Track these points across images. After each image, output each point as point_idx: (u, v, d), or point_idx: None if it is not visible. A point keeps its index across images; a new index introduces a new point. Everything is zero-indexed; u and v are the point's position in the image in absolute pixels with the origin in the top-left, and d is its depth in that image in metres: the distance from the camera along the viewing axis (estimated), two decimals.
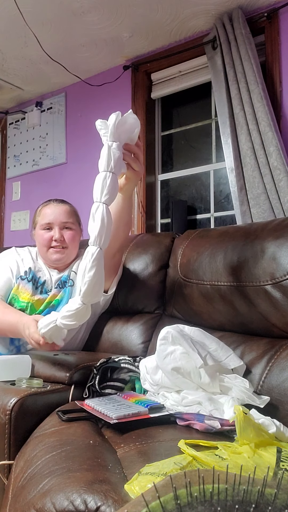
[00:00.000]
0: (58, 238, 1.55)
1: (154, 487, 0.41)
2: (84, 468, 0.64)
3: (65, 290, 1.55)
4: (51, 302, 1.52)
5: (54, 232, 1.56)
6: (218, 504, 0.39)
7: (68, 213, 1.61)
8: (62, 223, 1.58)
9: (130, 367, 1.15)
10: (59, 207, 1.61)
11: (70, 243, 1.58)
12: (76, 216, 1.65)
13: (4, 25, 2.28)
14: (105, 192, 1.05)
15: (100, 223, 1.03)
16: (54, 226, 1.57)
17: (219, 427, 0.83)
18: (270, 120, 1.92)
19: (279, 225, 1.21)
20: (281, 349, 1.10)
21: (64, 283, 1.57)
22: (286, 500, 0.38)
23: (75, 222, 1.62)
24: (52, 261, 1.58)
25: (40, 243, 1.59)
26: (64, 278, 1.57)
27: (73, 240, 1.59)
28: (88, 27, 2.30)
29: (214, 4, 2.10)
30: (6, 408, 0.94)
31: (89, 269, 1.03)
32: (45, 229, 1.58)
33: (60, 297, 1.54)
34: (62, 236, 1.56)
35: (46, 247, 1.57)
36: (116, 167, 1.07)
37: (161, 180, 2.64)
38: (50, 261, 1.59)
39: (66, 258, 1.59)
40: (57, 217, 1.57)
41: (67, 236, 1.57)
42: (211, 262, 1.30)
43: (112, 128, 1.09)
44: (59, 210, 1.59)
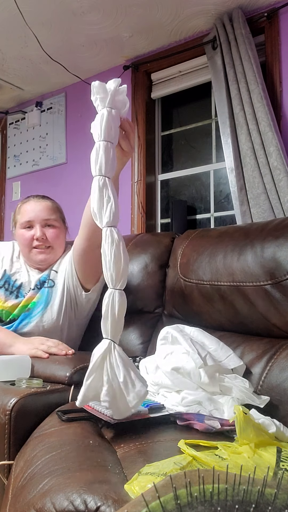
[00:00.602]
0: (40, 237, 1.43)
1: (154, 487, 0.41)
2: (84, 468, 0.64)
3: (42, 291, 1.44)
4: (27, 306, 1.42)
5: (35, 231, 1.44)
6: (218, 504, 0.39)
7: (49, 209, 1.48)
8: (44, 220, 1.46)
9: None
10: (39, 203, 1.49)
11: (54, 241, 1.47)
12: (60, 212, 1.53)
13: (4, 25, 2.28)
14: (107, 163, 0.90)
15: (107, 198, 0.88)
16: (35, 224, 1.45)
17: (219, 427, 0.83)
18: (270, 120, 1.92)
19: (279, 225, 1.21)
20: (281, 349, 1.10)
21: (43, 283, 1.45)
22: (286, 500, 0.38)
23: (58, 219, 1.50)
24: (36, 262, 1.47)
25: (22, 243, 1.48)
26: (44, 278, 1.46)
27: (56, 239, 1.47)
28: (88, 27, 2.30)
29: (214, 4, 2.10)
30: (6, 408, 0.94)
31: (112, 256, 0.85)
32: (26, 227, 1.46)
33: (36, 299, 1.43)
34: (44, 235, 1.45)
35: (28, 247, 1.46)
36: (115, 137, 0.96)
37: (161, 180, 2.64)
38: (34, 262, 1.48)
39: (52, 258, 1.48)
40: (38, 214, 1.46)
41: (50, 235, 1.46)
42: (211, 262, 1.30)
43: (113, 93, 0.97)
44: (40, 207, 1.47)
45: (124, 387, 0.81)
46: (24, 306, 1.43)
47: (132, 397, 0.80)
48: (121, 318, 0.85)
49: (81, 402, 0.84)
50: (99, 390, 0.82)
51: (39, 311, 1.42)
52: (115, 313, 0.83)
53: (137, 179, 2.55)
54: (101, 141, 0.93)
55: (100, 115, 0.94)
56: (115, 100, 0.97)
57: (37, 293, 1.44)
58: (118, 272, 0.84)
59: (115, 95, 0.97)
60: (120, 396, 0.81)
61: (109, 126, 0.94)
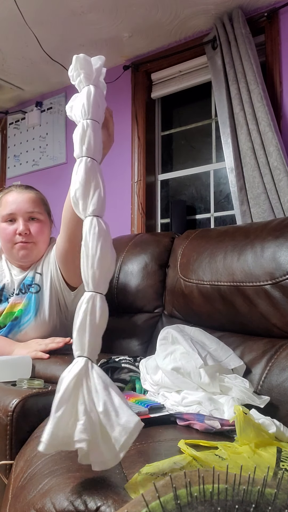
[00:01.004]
0: (23, 231, 1.33)
1: (154, 487, 0.41)
2: (84, 468, 0.64)
3: (29, 297, 1.35)
4: (13, 314, 1.33)
5: (18, 225, 1.34)
6: (218, 504, 0.39)
7: (33, 201, 1.37)
8: (27, 213, 1.35)
9: (131, 367, 1.15)
10: (22, 194, 1.37)
11: (38, 236, 1.36)
12: (45, 204, 1.43)
13: (4, 25, 2.28)
14: (96, 143, 0.77)
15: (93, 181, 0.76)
16: (18, 217, 1.34)
17: (219, 427, 0.83)
18: (270, 120, 1.92)
19: (279, 225, 1.21)
20: (281, 349, 1.10)
21: (28, 287, 1.36)
22: (286, 500, 0.38)
23: (43, 212, 1.39)
24: (18, 259, 1.37)
25: (3, 238, 1.37)
26: (28, 281, 1.37)
27: (41, 233, 1.37)
28: (88, 27, 2.30)
29: (214, 4, 2.10)
30: (7, 409, 0.94)
31: None
32: (7, 221, 1.35)
33: (23, 306, 1.34)
34: (28, 229, 1.34)
35: (10, 243, 1.35)
36: (102, 118, 0.84)
37: (161, 180, 2.64)
38: (16, 259, 1.39)
39: (35, 255, 1.38)
40: (21, 207, 1.34)
41: (34, 229, 1.35)
42: (211, 262, 1.30)
43: (99, 70, 0.88)
44: (23, 198, 1.36)
45: (105, 419, 0.58)
46: (10, 314, 1.35)
47: (118, 433, 0.57)
48: (101, 330, 0.67)
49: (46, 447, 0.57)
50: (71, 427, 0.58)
51: (28, 319, 1.34)
52: (95, 324, 0.65)
53: (137, 179, 2.55)
54: (88, 119, 0.79)
55: (87, 91, 0.82)
56: (99, 82, 0.87)
57: (22, 298, 1.35)
58: (103, 271, 0.68)
59: (99, 77, 0.87)
60: (102, 433, 0.57)
61: (96, 104, 0.82)
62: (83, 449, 0.57)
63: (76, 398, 0.59)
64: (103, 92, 0.88)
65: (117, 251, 1.71)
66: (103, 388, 0.59)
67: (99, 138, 0.79)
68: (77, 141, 0.77)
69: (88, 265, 0.68)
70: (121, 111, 2.64)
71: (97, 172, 0.76)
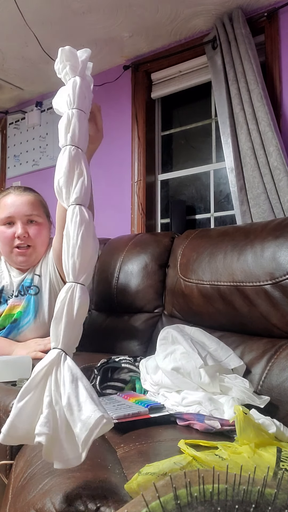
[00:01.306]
0: (22, 234, 1.32)
1: (154, 487, 0.41)
2: (84, 468, 0.64)
3: (28, 299, 1.35)
4: (12, 316, 1.34)
5: (16, 228, 1.33)
6: (218, 504, 0.39)
7: (32, 203, 1.36)
8: (26, 216, 1.34)
9: (131, 367, 1.15)
10: (21, 196, 1.36)
11: (36, 239, 1.36)
12: (43, 206, 1.42)
13: (4, 25, 2.28)
14: (80, 132, 0.77)
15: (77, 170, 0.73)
16: (16, 220, 1.34)
17: (219, 427, 0.83)
18: (270, 120, 1.92)
19: (279, 225, 1.21)
20: (281, 349, 1.10)
21: (27, 289, 1.36)
22: (286, 500, 0.38)
23: (41, 214, 1.39)
24: (16, 263, 1.38)
25: (2, 241, 1.36)
26: (27, 283, 1.37)
27: (39, 236, 1.37)
28: (88, 27, 2.30)
29: (214, 4, 2.10)
30: (7, 409, 0.94)
31: None
32: (6, 224, 1.35)
33: (22, 308, 1.34)
34: (26, 232, 1.33)
35: (9, 246, 1.35)
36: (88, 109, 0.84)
37: (161, 180, 2.64)
38: (14, 263, 1.39)
39: (33, 259, 1.38)
40: (19, 210, 1.33)
41: (32, 232, 1.34)
42: (211, 262, 1.30)
43: (85, 62, 0.87)
44: (22, 201, 1.35)
45: (68, 413, 0.55)
46: (9, 316, 1.35)
47: (79, 429, 0.53)
48: (80, 322, 0.64)
49: (5, 438, 0.55)
50: (34, 419, 0.56)
51: (27, 321, 1.35)
52: (73, 315, 0.63)
53: (137, 179, 2.55)
54: (73, 109, 0.79)
55: (73, 82, 0.83)
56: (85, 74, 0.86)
57: (21, 300, 1.35)
58: (84, 261, 0.66)
59: (85, 70, 0.87)
60: (63, 427, 0.55)
61: (82, 94, 0.81)
62: (42, 444, 0.54)
63: (42, 389, 0.57)
64: (90, 85, 0.88)
65: (117, 251, 1.72)
66: (70, 381, 0.57)
67: (85, 128, 0.78)
68: (61, 130, 0.78)
69: (69, 254, 0.67)
70: (121, 111, 2.64)
71: (81, 161, 0.74)
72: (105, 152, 2.69)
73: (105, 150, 2.69)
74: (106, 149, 2.69)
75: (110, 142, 2.68)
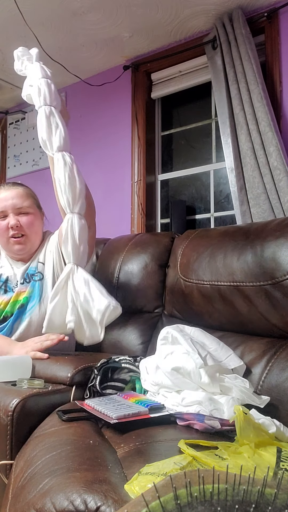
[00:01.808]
0: (14, 225, 1.42)
1: (154, 487, 0.41)
2: (84, 468, 0.64)
3: (33, 285, 1.43)
4: (19, 302, 1.40)
5: (9, 219, 1.43)
6: (218, 504, 0.39)
7: (22, 196, 1.46)
8: (17, 208, 1.44)
9: (131, 367, 1.15)
10: (11, 191, 1.46)
11: (29, 228, 1.45)
12: (33, 198, 1.51)
13: (4, 25, 2.28)
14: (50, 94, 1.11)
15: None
16: (9, 213, 1.44)
17: (219, 427, 0.83)
18: (270, 120, 1.92)
19: (279, 225, 1.21)
20: (281, 349, 1.10)
21: (32, 276, 1.44)
22: (286, 500, 0.38)
23: (32, 205, 1.48)
24: (14, 252, 1.47)
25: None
26: (31, 270, 1.45)
27: (31, 225, 1.46)
28: (88, 27, 2.30)
29: (214, 4, 2.10)
30: (8, 409, 0.94)
31: None
32: (0, 218, 1.45)
33: (28, 293, 1.41)
34: (18, 222, 1.43)
35: (5, 238, 1.45)
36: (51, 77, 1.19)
37: (161, 180, 2.64)
38: (13, 253, 1.48)
39: (29, 247, 1.47)
40: (10, 203, 1.44)
41: (24, 222, 1.44)
42: (211, 262, 1.30)
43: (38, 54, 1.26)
44: (12, 194, 1.45)
45: (86, 305, 0.84)
46: (16, 302, 1.41)
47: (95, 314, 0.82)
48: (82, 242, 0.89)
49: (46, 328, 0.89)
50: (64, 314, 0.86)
51: (33, 305, 1.41)
52: (75, 237, 0.88)
53: (137, 179, 2.55)
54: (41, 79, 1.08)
55: (34, 65, 1.15)
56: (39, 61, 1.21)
57: (27, 287, 1.42)
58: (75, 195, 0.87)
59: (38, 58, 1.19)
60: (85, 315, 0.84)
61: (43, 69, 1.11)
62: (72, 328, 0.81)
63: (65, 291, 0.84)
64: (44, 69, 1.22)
65: (117, 251, 1.72)
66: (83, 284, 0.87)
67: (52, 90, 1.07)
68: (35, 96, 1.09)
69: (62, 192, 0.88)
70: (121, 111, 2.64)
71: (55, 116, 1.03)
72: (105, 152, 2.69)
73: (105, 150, 2.69)
74: (106, 149, 2.69)
75: (110, 142, 2.68)
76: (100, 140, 2.72)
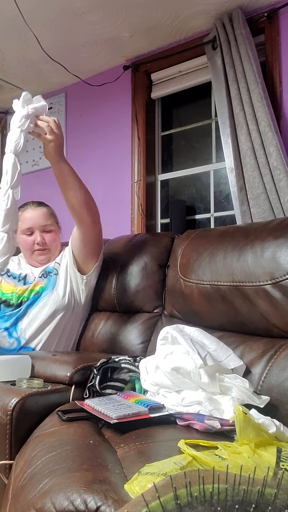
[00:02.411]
0: (40, 242, 1.65)
1: (154, 487, 0.41)
2: (84, 468, 0.64)
3: (49, 279, 1.63)
4: (36, 290, 1.60)
5: (35, 236, 1.66)
6: (218, 504, 0.39)
7: (46, 216, 1.70)
8: (42, 226, 1.67)
9: (130, 367, 1.15)
10: (37, 211, 1.69)
11: (52, 244, 1.68)
12: (54, 216, 1.74)
13: (4, 25, 2.28)
14: None
15: None
16: (35, 230, 1.67)
17: (219, 427, 0.83)
18: (270, 120, 1.92)
19: (279, 225, 1.21)
20: (281, 349, 1.10)
21: (49, 273, 1.65)
22: (286, 500, 0.38)
23: (53, 223, 1.71)
24: (38, 261, 1.69)
25: (24, 247, 1.69)
26: (49, 269, 1.66)
27: (54, 241, 1.70)
28: (88, 27, 2.30)
29: (214, 4, 2.10)
30: (7, 408, 0.94)
31: None
32: (26, 233, 1.67)
33: (44, 284, 1.62)
34: (43, 239, 1.66)
35: (30, 251, 1.68)
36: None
37: (161, 180, 2.64)
38: (36, 262, 1.69)
39: (50, 257, 1.69)
40: (37, 221, 1.67)
41: (48, 239, 1.67)
42: (211, 262, 1.30)
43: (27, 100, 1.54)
44: (38, 214, 1.68)
45: None
46: (32, 290, 1.60)
47: None
48: None
49: None
50: None
51: (46, 293, 1.60)
52: None
53: (137, 179, 2.55)
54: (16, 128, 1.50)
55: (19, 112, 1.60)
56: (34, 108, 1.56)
57: (43, 280, 1.63)
58: None
59: None
60: None
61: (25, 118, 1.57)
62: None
63: None
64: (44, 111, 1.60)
65: (117, 251, 1.72)
66: None
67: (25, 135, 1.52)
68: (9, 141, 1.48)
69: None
70: (121, 111, 2.64)
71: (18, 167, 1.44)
72: (105, 152, 2.69)
73: (105, 150, 2.69)
74: (106, 149, 2.69)
75: (110, 142, 2.68)
76: (100, 140, 2.72)
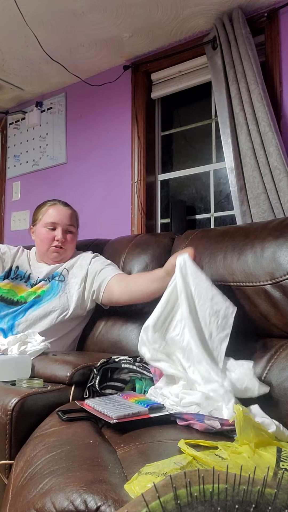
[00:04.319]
0: (61, 239, 1.64)
1: (154, 487, 0.41)
2: (84, 468, 0.64)
3: (53, 283, 1.61)
4: (36, 293, 1.59)
5: (57, 233, 1.65)
6: (218, 504, 0.39)
7: (72, 216, 1.71)
8: (66, 225, 1.67)
9: (131, 367, 1.15)
10: (65, 210, 1.70)
11: (69, 245, 1.68)
12: (77, 220, 1.76)
13: (4, 25, 2.28)
14: None
15: None
16: (58, 227, 1.66)
17: (219, 427, 0.83)
18: (270, 120, 1.92)
19: (279, 225, 1.21)
20: (281, 349, 1.10)
21: (53, 277, 1.64)
22: (286, 500, 0.38)
23: (75, 226, 1.73)
24: (50, 258, 1.67)
25: (42, 240, 1.67)
26: (55, 274, 1.65)
27: (71, 242, 1.69)
28: (88, 27, 2.30)
29: (214, 4, 2.10)
30: (7, 408, 0.94)
31: None
32: (49, 227, 1.66)
33: (46, 288, 1.60)
34: (64, 238, 1.65)
35: (47, 245, 1.65)
36: None
37: (161, 180, 2.64)
38: (47, 258, 1.68)
39: (63, 257, 1.68)
40: (63, 219, 1.67)
41: (68, 239, 1.67)
42: (211, 262, 1.30)
43: None
44: (65, 213, 1.69)
45: None
46: (33, 292, 1.59)
47: None
48: None
49: None
50: None
51: (48, 298, 1.59)
52: None
53: (137, 179, 2.55)
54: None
55: None
56: None
57: (47, 284, 1.61)
58: None
59: None
60: None
61: None
62: None
63: None
64: None
65: (118, 252, 1.72)
66: None
67: None
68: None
69: None
70: (121, 111, 2.64)
71: None
72: (105, 152, 2.69)
73: (105, 150, 2.69)
74: (106, 149, 2.69)
75: (110, 142, 2.68)
76: (100, 140, 2.72)
